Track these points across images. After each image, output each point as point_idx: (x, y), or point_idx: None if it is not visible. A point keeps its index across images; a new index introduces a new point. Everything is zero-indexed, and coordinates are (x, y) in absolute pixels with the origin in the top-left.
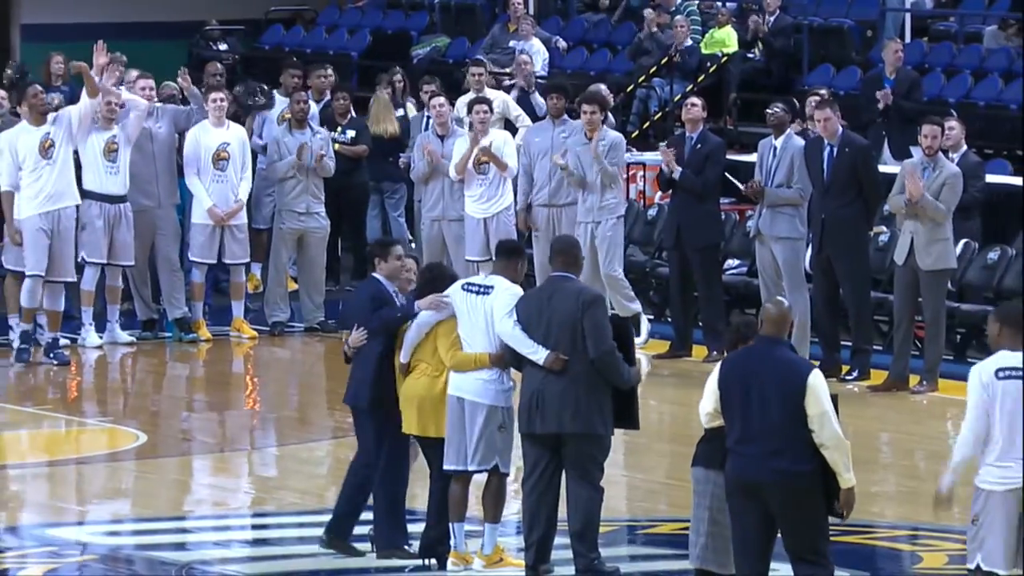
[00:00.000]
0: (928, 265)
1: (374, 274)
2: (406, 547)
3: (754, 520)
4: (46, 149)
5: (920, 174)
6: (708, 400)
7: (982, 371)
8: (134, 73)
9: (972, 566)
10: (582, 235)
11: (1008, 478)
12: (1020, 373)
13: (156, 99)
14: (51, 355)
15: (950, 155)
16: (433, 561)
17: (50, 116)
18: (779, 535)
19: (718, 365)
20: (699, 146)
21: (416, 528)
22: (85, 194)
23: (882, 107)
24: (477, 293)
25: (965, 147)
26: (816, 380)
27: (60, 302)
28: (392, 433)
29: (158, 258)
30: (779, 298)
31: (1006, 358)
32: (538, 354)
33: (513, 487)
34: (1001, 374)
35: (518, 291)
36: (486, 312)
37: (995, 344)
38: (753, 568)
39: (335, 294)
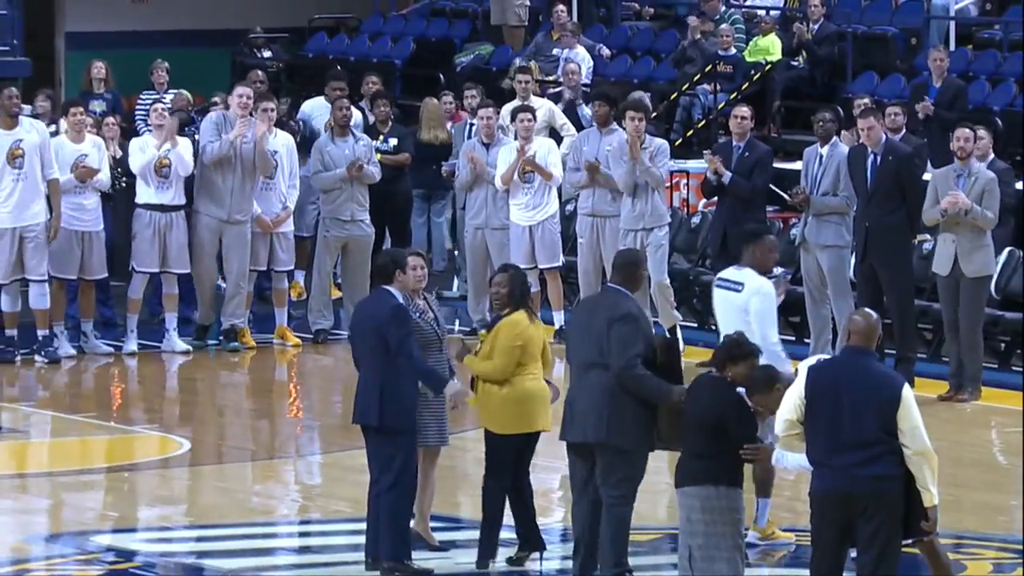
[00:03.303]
0: (972, 272)
1: (387, 287)
2: (408, 562)
3: (835, 532)
4: (14, 158)
5: (955, 182)
6: (791, 410)
7: None
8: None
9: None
10: (631, 243)
11: None
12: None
13: (250, 109)
14: (42, 353)
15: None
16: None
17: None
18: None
19: (802, 375)
20: (747, 154)
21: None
22: (136, 206)
23: (922, 117)
24: (728, 289)
25: (993, 155)
26: (909, 393)
27: (44, 300)
28: (403, 447)
29: (226, 267)
30: (867, 309)
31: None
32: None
33: (557, 494)
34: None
35: (769, 291)
36: (739, 308)
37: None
38: None
39: None
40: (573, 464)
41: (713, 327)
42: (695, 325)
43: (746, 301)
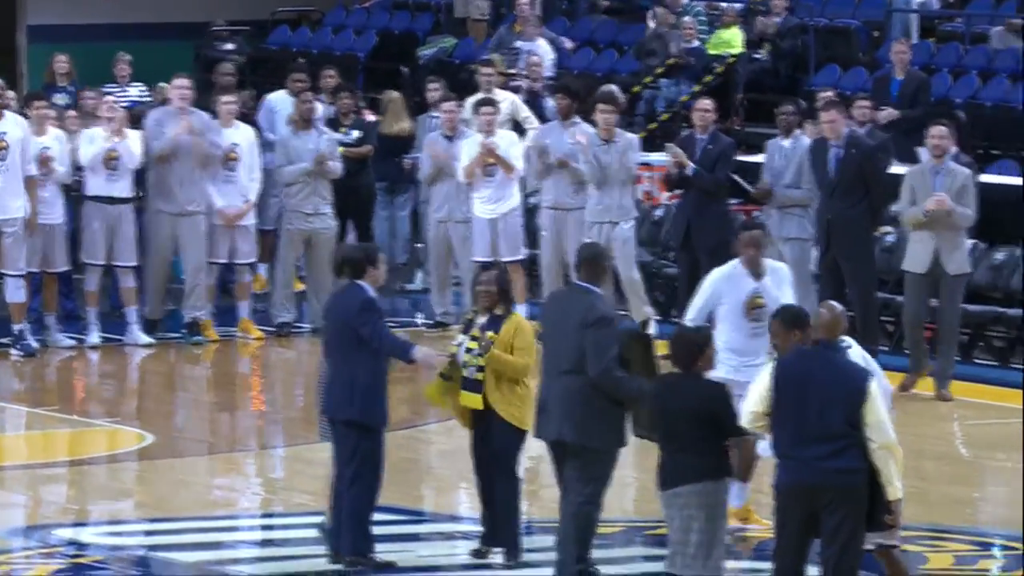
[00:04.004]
0: (954, 270)
1: (359, 282)
2: (372, 555)
3: (799, 525)
4: None
5: (932, 181)
6: (757, 402)
7: None
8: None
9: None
10: (595, 236)
11: None
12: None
13: (190, 101)
14: (18, 347)
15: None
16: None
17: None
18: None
19: (768, 368)
20: (710, 147)
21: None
22: (85, 199)
23: (884, 123)
24: None
25: (956, 149)
26: (875, 387)
27: (20, 294)
28: (368, 442)
29: (182, 260)
30: (832, 302)
31: None
32: None
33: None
34: None
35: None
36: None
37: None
38: (793, 572)
39: None
40: (556, 462)
41: (675, 319)
42: (659, 318)
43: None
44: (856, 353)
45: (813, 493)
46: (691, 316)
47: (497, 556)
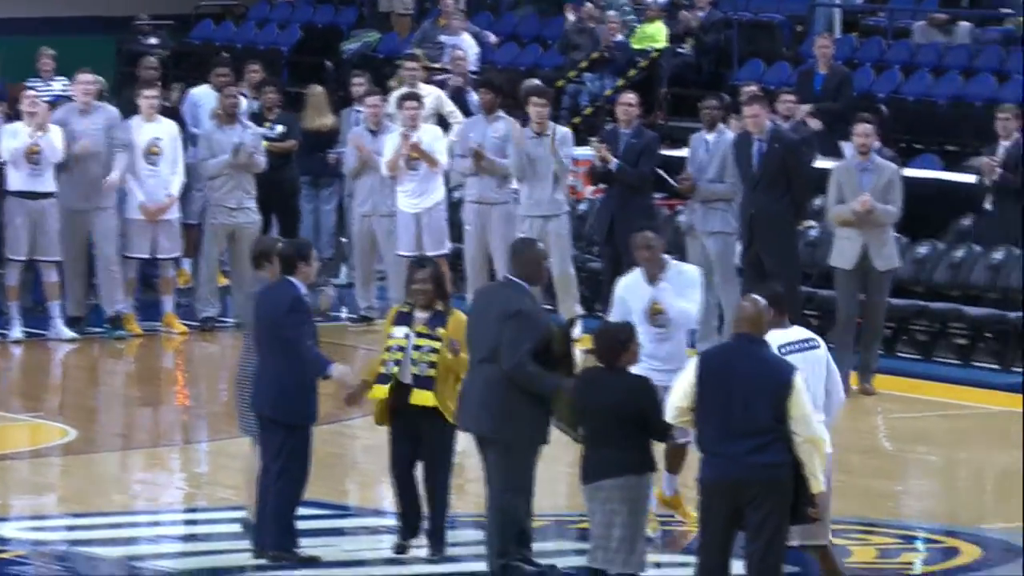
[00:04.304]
0: (883, 266)
1: (290, 278)
2: (295, 551)
3: (724, 520)
4: None
5: (859, 178)
6: (681, 397)
7: None
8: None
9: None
10: (527, 230)
11: None
12: (797, 347)
13: (94, 95)
14: None
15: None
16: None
17: None
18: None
19: (693, 362)
20: (634, 140)
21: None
22: (7, 194)
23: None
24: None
25: (879, 143)
26: (800, 380)
27: None
28: (294, 438)
29: (96, 255)
30: (755, 296)
31: (781, 335)
32: None
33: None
34: (783, 349)
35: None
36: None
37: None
38: (718, 568)
39: None
40: (480, 453)
41: (599, 313)
42: (584, 313)
43: (825, 355)
44: (823, 355)
45: (738, 488)
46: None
47: (418, 550)
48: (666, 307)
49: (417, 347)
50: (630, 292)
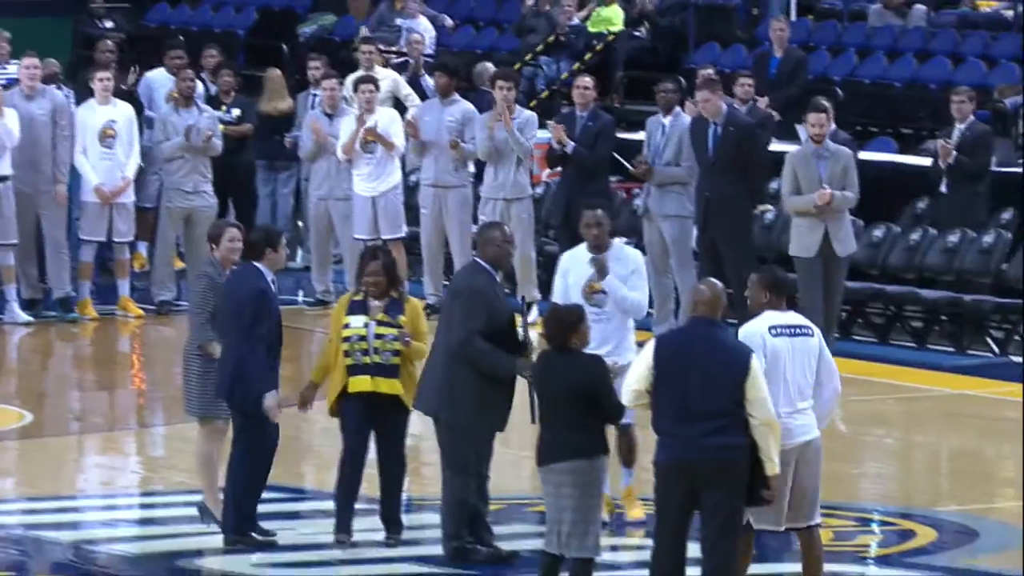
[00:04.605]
0: (843, 251)
1: (257, 264)
2: (254, 535)
3: (680, 502)
4: None
5: (816, 165)
6: (638, 380)
7: (751, 332)
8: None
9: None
10: (490, 212)
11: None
12: (788, 331)
13: (39, 79)
14: None
15: None
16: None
17: None
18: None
19: (649, 345)
20: (590, 123)
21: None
22: None
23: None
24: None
25: (834, 126)
26: (757, 364)
27: None
28: (252, 424)
29: (45, 239)
30: (712, 279)
31: (775, 317)
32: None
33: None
34: (774, 331)
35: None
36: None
37: (758, 306)
38: (674, 550)
39: None
40: (437, 435)
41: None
42: (540, 298)
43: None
44: (814, 343)
45: (694, 470)
46: (555, 299)
47: (373, 534)
48: (608, 288)
49: (379, 336)
50: (574, 264)
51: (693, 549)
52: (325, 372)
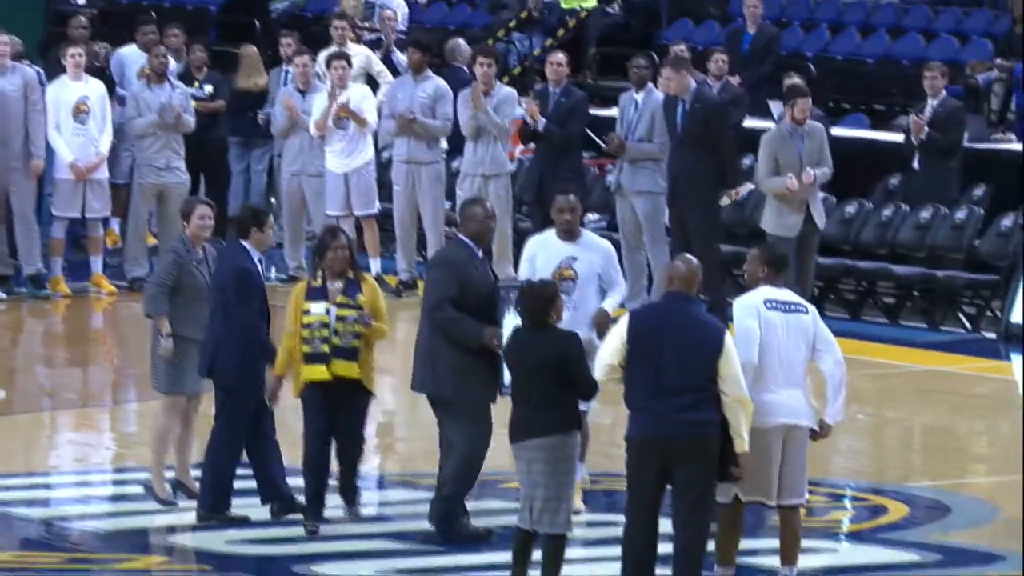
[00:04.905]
0: (821, 223)
1: (243, 242)
2: (227, 512)
3: (652, 477)
4: None
5: (795, 145)
6: (612, 354)
7: (747, 303)
8: None
9: (727, 499)
10: (468, 188)
11: (769, 414)
12: (782, 306)
13: (8, 56)
14: None
15: None
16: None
17: None
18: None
19: (624, 320)
20: (563, 100)
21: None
22: None
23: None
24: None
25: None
26: (730, 340)
27: None
28: (230, 402)
29: (14, 215)
30: (687, 255)
31: (771, 292)
32: None
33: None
34: (768, 304)
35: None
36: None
37: (754, 281)
38: (646, 526)
39: None
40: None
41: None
42: (513, 274)
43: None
44: (808, 321)
45: (666, 445)
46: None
47: (336, 510)
48: (580, 274)
49: (341, 318)
50: (544, 249)
51: (665, 525)
52: (287, 365)
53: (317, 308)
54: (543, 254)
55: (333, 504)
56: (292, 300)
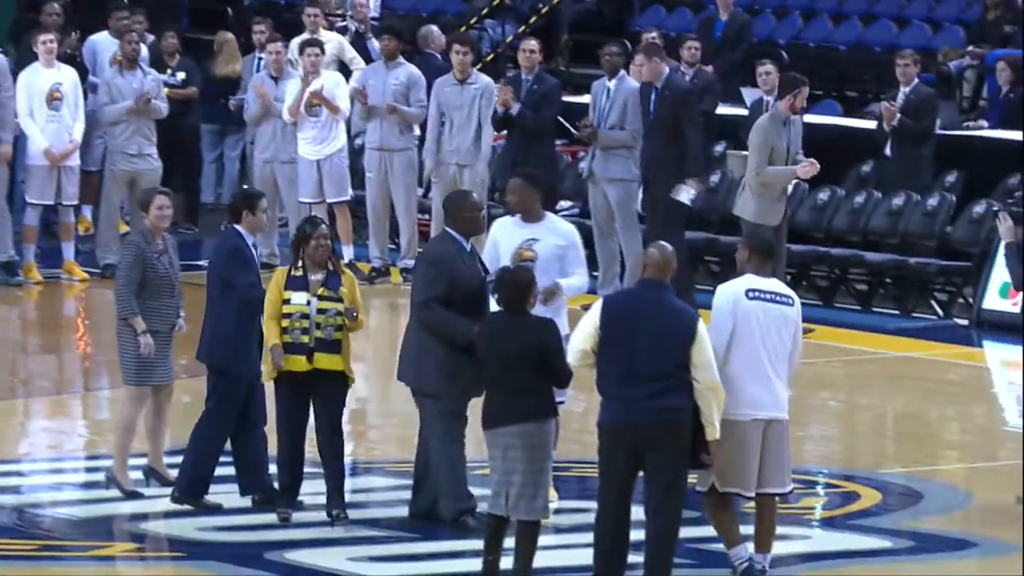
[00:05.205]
0: (791, 208)
1: (237, 226)
2: (203, 499)
3: (624, 463)
4: None
5: (785, 134)
6: (584, 340)
7: (727, 292)
8: None
9: (705, 488)
10: (444, 174)
11: (748, 406)
12: (768, 296)
13: None
14: None
15: (765, 98)
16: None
17: None
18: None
19: (597, 306)
20: (535, 87)
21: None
22: None
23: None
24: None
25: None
26: (703, 328)
27: None
28: (220, 386)
29: None
30: (662, 243)
31: (755, 281)
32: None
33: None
34: (751, 294)
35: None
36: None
37: (742, 269)
38: (618, 512)
39: None
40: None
41: None
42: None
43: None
44: (793, 313)
45: (637, 431)
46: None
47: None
48: (539, 254)
49: (322, 311)
50: (503, 231)
51: (637, 512)
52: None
53: (298, 299)
54: (505, 235)
55: (307, 491)
56: (271, 287)
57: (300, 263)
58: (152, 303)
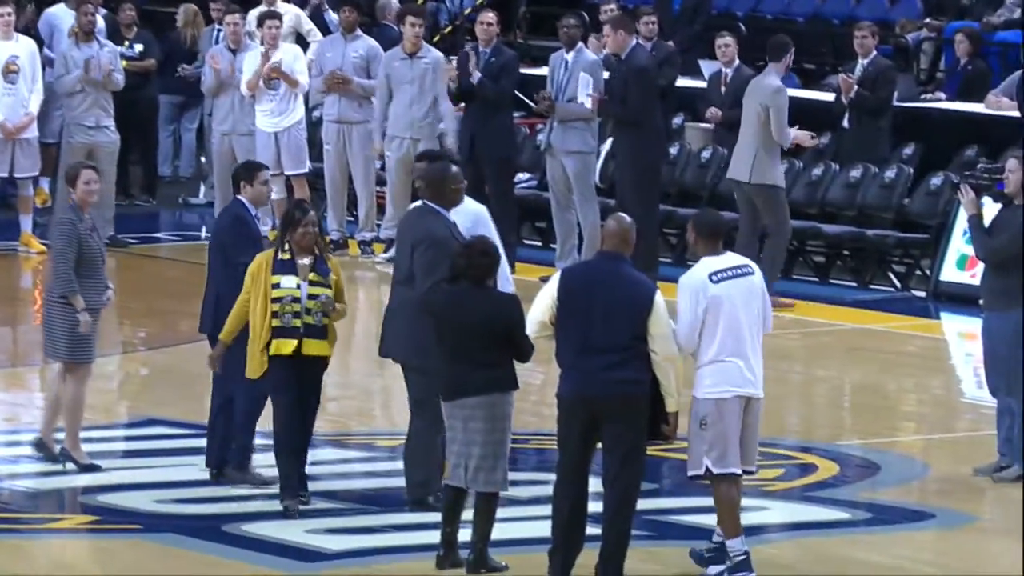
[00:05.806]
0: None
1: (239, 196)
2: (249, 468)
3: (581, 435)
4: None
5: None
6: (543, 311)
7: (691, 283)
8: None
9: (700, 471)
10: (396, 148)
11: (732, 383)
12: (731, 273)
13: None
14: None
15: (724, 70)
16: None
17: None
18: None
19: (555, 278)
20: (493, 59)
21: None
22: None
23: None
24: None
25: (738, 61)
26: (660, 299)
27: None
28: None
29: None
30: (620, 214)
31: (713, 262)
32: None
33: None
34: (715, 277)
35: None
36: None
37: (693, 252)
38: (575, 483)
39: (125, 208)
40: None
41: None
42: None
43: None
44: (758, 281)
45: (594, 403)
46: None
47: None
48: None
49: (312, 296)
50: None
51: (596, 484)
52: (234, 335)
53: (288, 283)
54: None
55: (266, 463)
56: (255, 269)
57: (287, 247)
58: (87, 280)
